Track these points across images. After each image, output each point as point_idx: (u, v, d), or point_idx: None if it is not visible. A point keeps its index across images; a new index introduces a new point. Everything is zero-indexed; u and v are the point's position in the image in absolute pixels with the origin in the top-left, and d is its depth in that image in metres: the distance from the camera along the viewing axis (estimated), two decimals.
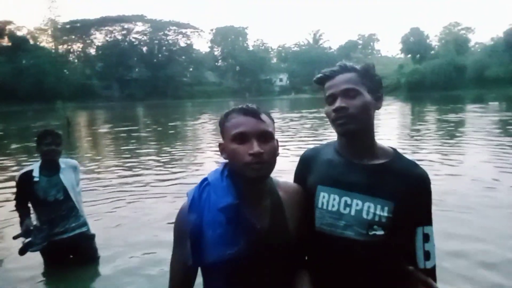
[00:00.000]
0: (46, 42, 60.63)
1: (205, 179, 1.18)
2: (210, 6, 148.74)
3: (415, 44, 60.16)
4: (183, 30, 68.00)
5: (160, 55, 65.63)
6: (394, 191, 1.14)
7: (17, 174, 3.25)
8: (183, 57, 66.97)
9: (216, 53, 71.93)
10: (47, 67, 48.75)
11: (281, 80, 69.10)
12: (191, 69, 68.12)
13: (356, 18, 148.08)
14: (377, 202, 1.14)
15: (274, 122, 1.17)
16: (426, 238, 1.16)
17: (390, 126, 15.04)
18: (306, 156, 1.34)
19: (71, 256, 3.41)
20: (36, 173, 3.10)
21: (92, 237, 3.42)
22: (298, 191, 1.24)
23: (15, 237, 2.96)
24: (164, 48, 66.49)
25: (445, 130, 13.49)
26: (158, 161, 8.96)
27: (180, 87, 60.07)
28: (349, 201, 1.17)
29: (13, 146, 12.93)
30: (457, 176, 6.44)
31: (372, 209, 1.14)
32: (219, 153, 1.18)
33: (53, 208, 3.12)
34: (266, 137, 1.09)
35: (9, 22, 54.60)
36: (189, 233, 1.10)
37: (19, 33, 55.59)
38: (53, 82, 47.59)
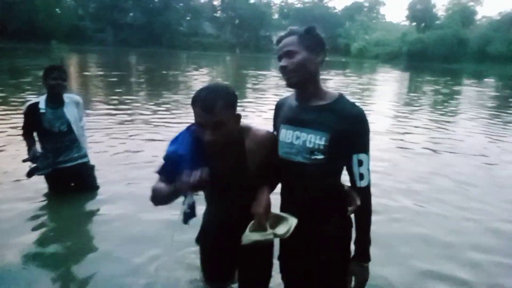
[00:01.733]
0: None
1: (193, 125, 1.51)
2: None
3: (421, 12, 58.56)
4: None
5: (156, 0, 62.84)
6: (330, 125, 1.46)
7: (24, 105, 3.45)
8: (181, 4, 64.25)
9: (215, 3, 69.21)
10: (39, 4, 46.46)
11: None
12: (188, 18, 65.54)
13: None
14: (316, 134, 1.48)
15: (233, 103, 1.46)
16: (360, 163, 1.48)
17: (383, 95, 14.96)
18: (277, 104, 1.72)
19: (73, 184, 3.70)
20: (42, 105, 3.31)
21: (92, 167, 3.72)
22: (264, 138, 1.59)
23: (24, 161, 3.30)
24: None
25: (435, 101, 13.47)
26: (148, 108, 8.88)
27: (176, 36, 58.19)
28: (298, 134, 1.52)
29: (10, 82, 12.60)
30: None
31: (312, 139, 1.48)
32: None
33: (57, 138, 3.37)
34: (218, 125, 1.40)
35: None
36: (164, 157, 1.53)
37: None
38: (45, 20, 45.56)
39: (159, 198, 1.53)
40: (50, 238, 2.94)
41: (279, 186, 1.69)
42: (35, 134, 3.39)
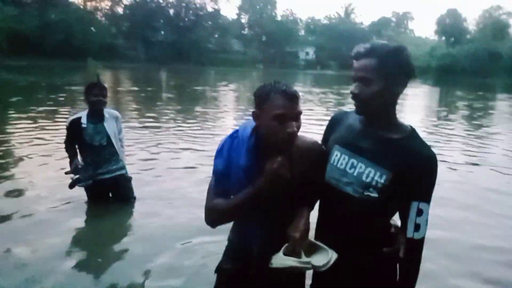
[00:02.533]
0: None
1: (236, 131, 1.44)
2: None
3: (450, 27, 57.57)
4: None
5: (186, 19, 64.80)
6: (397, 164, 1.27)
7: (67, 120, 3.68)
8: (210, 22, 65.97)
9: (243, 20, 70.58)
10: (74, 23, 48.89)
11: (307, 53, 67.66)
12: (216, 36, 67.17)
13: None
14: (377, 169, 1.30)
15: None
16: (420, 212, 1.28)
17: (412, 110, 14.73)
18: (334, 118, 1.55)
19: (110, 195, 3.87)
20: (84, 120, 3.52)
21: (129, 178, 3.89)
22: (310, 147, 1.44)
23: (66, 173, 3.50)
24: (191, 11, 65.54)
25: (470, 117, 13.14)
26: (181, 120, 9.16)
27: (204, 53, 59.57)
28: (355, 163, 1.34)
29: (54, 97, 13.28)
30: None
31: (372, 174, 1.30)
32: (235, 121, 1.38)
33: (97, 152, 3.56)
34: (299, 117, 1.31)
35: None
36: (214, 172, 1.44)
37: None
38: (80, 39, 47.81)
39: (220, 216, 1.43)
40: (82, 243, 3.17)
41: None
42: (76, 147, 3.59)
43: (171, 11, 65.37)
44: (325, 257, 1.34)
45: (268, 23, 64.77)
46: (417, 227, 1.29)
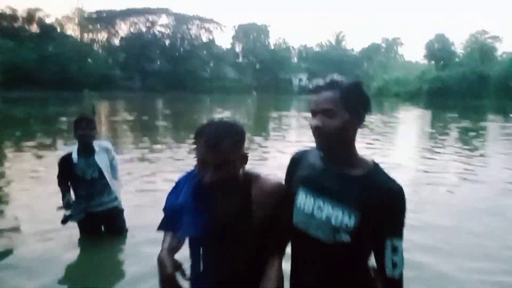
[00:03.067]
0: (72, 30, 62.02)
1: (193, 170, 1.41)
2: (234, 1, 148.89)
3: (439, 51, 59.03)
4: (206, 25, 68.61)
5: (182, 49, 66.30)
6: (363, 202, 1.21)
7: (59, 156, 3.75)
8: (205, 52, 67.46)
9: (237, 49, 72.20)
10: (71, 55, 49.81)
11: (300, 80, 68.89)
12: (211, 64, 68.56)
13: (380, 21, 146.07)
14: (345, 210, 1.23)
15: (239, 142, 1.30)
16: (394, 249, 1.22)
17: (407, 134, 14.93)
18: (295, 156, 1.48)
19: (103, 228, 3.87)
20: (74, 155, 3.55)
21: (121, 211, 3.89)
22: (273, 189, 1.37)
23: (58, 208, 3.54)
24: (186, 42, 67.16)
25: (463, 139, 13.36)
26: (171, 149, 9.24)
27: (199, 82, 60.55)
28: (322, 205, 1.27)
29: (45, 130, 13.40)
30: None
31: (340, 216, 1.23)
32: None
33: (90, 185, 3.59)
34: (219, 166, 1.25)
35: (38, 9, 55.97)
36: (165, 210, 1.41)
37: (47, 21, 56.98)
38: (77, 70, 48.56)
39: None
40: (77, 278, 3.21)
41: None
42: (69, 182, 3.62)
43: (167, 42, 66.96)
44: None
45: (261, 52, 66.32)
46: (394, 265, 1.23)
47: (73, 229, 3.74)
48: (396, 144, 11.55)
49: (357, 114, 1.25)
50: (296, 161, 1.46)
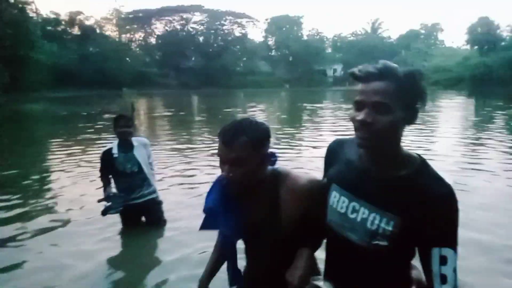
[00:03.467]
0: (111, 31, 64.34)
1: (219, 177, 1.45)
2: None
3: (483, 35, 55.74)
4: (239, 20, 68.75)
5: (215, 45, 66.98)
6: (404, 207, 1.08)
7: (100, 151, 3.99)
8: (238, 46, 67.79)
9: (270, 42, 71.89)
10: (110, 54, 51.72)
11: (335, 71, 67.61)
12: (244, 59, 68.81)
13: (418, 6, 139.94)
14: (383, 215, 1.11)
15: (257, 144, 1.28)
16: (443, 260, 1.06)
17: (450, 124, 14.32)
18: (331, 148, 1.35)
19: (143, 218, 4.09)
20: (115, 150, 3.78)
21: (160, 202, 4.09)
22: (303, 188, 1.32)
23: (99, 201, 3.66)
24: (219, 37, 67.75)
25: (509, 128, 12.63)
26: (212, 141, 9.44)
27: (232, 77, 60.97)
28: (357, 207, 1.17)
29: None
30: None
31: (377, 220, 1.12)
32: None
33: (129, 178, 3.81)
34: (236, 162, 1.26)
35: (79, 13, 58.39)
36: (204, 210, 1.44)
37: (87, 23, 59.41)
38: (115, 69, 50.34)
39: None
40: (113, 266, 3.33)
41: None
42: (110, 176, 3.87)
43: (201, 38, 67.87)
44: None
45: (294, 44, 65.58)
46: (443, 278, 1.06)
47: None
48: (437, 134, 11.10)
49: (411, 110, 1.08)
50: (332, 153, 1.33)
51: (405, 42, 67.30)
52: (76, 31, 57.76)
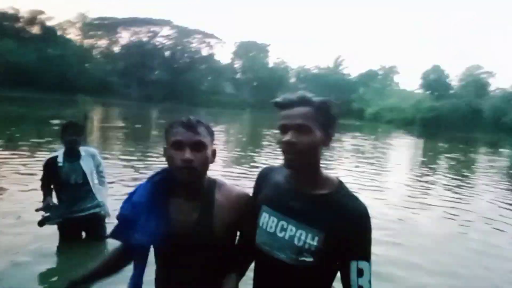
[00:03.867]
0: (73, 35, 62.24)
1: (155, 174, 1.38)
2: (236, 19, 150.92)
3: (435, 82, 60.07)
4: (207, 40, 69.24)
5: (181, 61, 66.70)
6: (327, 222, 1.18)
7: (44, 159, 3.74)
8: (204, 65, 67.92)
9: (236, 65, 72.81)
10: (71, 59, 49.85)
11: None
12: (210, 78, 68.94)
13: (379, 48, 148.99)
14: (308, 231, 1.19)
15: (212, 134, 1.34)
16: (360, 273, 1.17)
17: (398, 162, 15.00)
18: (261, 173, 1.44)
19: (83, 234, 3.86)
20: (60, 159, 3.55)
21: (103, 217, 3.83)
22: (239, 197, 1.35)
23: (37, 210, 3.44)
24: (186, 54, 67.65)
25: (452, 167, 13.43)
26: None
27: (197, 94, 60.68)
28: (285, 225, 1.24)
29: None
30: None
31: (303, 236, 1.20)
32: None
33: (73, 190, 3.58)
34: (199, 146, 1.25)
35: (41, 12, 56.13)
36: (119, 216, 1.33)
37: (49, 23, 57.11)
38: (76, 75, 48.51)
39: (109, 267, 1.41)
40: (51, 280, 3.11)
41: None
42: (52, 185, 3.59)
43: (167, 53, 67.32)
44: None
45: (260, 69, 66.91)
46: None
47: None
48: (385, 168, 11.58)
49: (327, 133, 1.23)
50: (263, 178, 1.42)
51: (364, 80, 70.68)
52: (36, 30, 55.30)
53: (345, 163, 11.52)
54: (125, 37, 67.34)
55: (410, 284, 3.64)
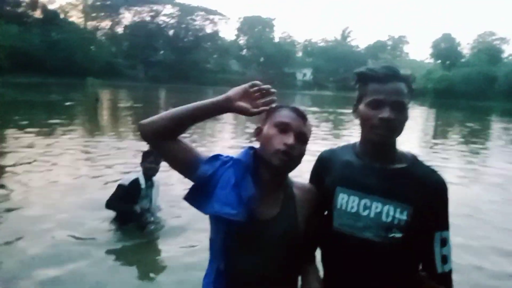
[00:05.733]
0: (76, 17, 61.50)
1: (231, 157, 1.24)
2: None
3: (446, 50, 58.68)
4: (211, 17, 67.91)
5: (186, 40, 65.76)
6: (413, 196, 1.17)
7: (122, 180, 3.83)
8: (209, 43, 66.96)
9: (241, 42, 71.69)
10: (75, 42, 49.42)
11: (304, 75, 68.44)
12: (215, 56, 68.04)
13: (387, 18, 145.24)
14: (396, 206, 1.18)
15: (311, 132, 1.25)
16: (443, 242, 1.20)
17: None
18: (324, 157, 1.39)
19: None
20: (142, 181, 3.68)
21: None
22: (311, 190, 1.31)
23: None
24: (190, 32, 66.58)
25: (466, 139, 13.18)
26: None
27: (203, 73, 60.14)
28: (368, 204, 1.21)
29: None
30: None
31: (391, 212, 1.18)
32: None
33: (139, 215, 3.64)
34: (303, 138, 1.19)
35: None
36: (198, 176, 1.19)
37: (51, 7, 56.40)
38: (81, 57, 48.20)
39: (166, 119, 1.18)
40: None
41: None
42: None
43: (171, 32, 66.39)
44: None
45: (266, 45, 65.77)
46: (444, 259, 1.19)
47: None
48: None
49: (409, 107, 1.22)
50: (325, 162, 1.36)
51: (372, 52, 69.33)
52: (38, 14, 54.67)
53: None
54: (127, 17, 66.45)
55: None
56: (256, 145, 1.28)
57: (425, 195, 1.17)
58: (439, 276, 1.19)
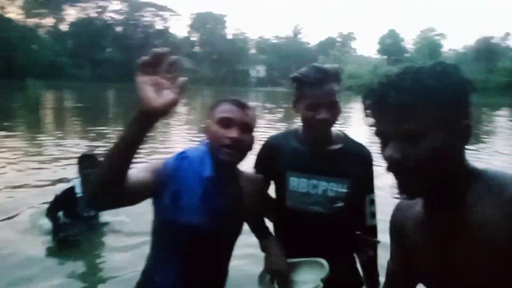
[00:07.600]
0: (14, 14, 57.50)
1: (183, 152, 1.26)
2: None
3: (391, 46, 61.47)
4: (161, 13, 66.27)
5: (135, 37, 63.71)
6: (350, 171, 1.43)
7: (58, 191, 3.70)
8: (160, 40, 65.35)
9: (193, 39, 70.66)
10: (15, 41, 46.27)
11: (258, 71, 68.82)
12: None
13: (337, 15, 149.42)
14: (337, 181, 1.43)
15: (257, 119, 1.30)
16: (371, 202, 1.52)
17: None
18: (271, 144, 1.55)
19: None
20: (78, 190, 3.53)
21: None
22: (257, 181, 1.41)
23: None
24: (139, 29, 64.60)
25: None
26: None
27: None
28: (316, 183, 1.43)
29: None
30: None
31: (334, 187, 1.42)
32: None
33: (83, 221, 3.58)
34: (247, 128, 1.22)
35: None
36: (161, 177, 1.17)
37: None
38: (22, 57, 45.26)
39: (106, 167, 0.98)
40: None
41: None
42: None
43: (119, 29, 63.98)
44: (320, 269, 1.36)
45: (218, 42, 65.33)
46: (372, 215, 1.51)
47: None
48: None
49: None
50: (273, 149, 1.53)
51: (323, 48, 71.03)
52: None
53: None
54: (72, 14, 63.21)
55: None
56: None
57: (358, 168, 1.45)
58: (368, 228, 1.51)
